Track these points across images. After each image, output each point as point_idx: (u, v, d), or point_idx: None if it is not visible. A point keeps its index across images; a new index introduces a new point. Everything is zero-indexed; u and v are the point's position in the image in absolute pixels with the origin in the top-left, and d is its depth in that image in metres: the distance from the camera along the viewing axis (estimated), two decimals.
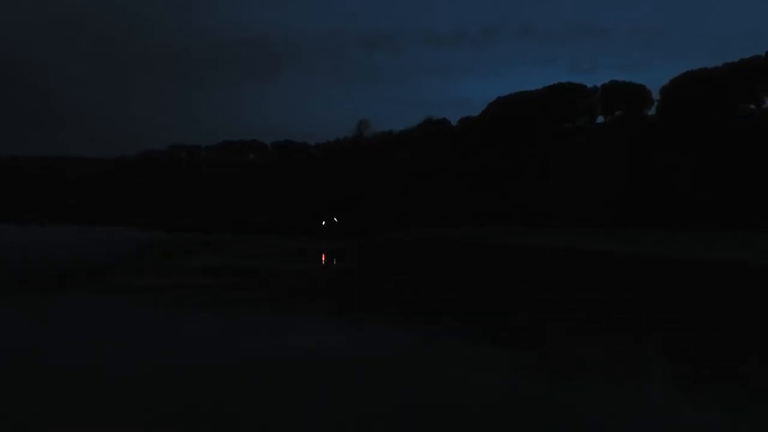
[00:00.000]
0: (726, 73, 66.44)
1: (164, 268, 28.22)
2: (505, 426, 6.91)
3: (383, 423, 6.85)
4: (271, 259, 32.96)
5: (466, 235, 65.33)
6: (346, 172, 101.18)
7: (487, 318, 14.97)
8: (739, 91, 65.51)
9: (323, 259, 34.32)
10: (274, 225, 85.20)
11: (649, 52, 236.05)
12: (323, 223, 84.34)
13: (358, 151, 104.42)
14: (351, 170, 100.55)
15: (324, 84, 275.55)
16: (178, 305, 16.18)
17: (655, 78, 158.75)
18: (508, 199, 79.40)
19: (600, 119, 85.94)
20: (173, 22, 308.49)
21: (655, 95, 78.23)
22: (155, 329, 12.46)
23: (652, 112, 79.01)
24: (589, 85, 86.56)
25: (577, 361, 10.33)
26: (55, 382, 8.32)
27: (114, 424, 6.66)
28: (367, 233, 75.82)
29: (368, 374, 8.88)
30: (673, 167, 65.65)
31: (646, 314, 15.95)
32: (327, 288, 21.69)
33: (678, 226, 58.13)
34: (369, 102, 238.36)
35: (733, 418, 7.32)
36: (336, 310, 16.17)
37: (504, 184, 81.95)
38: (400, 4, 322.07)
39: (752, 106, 66.61)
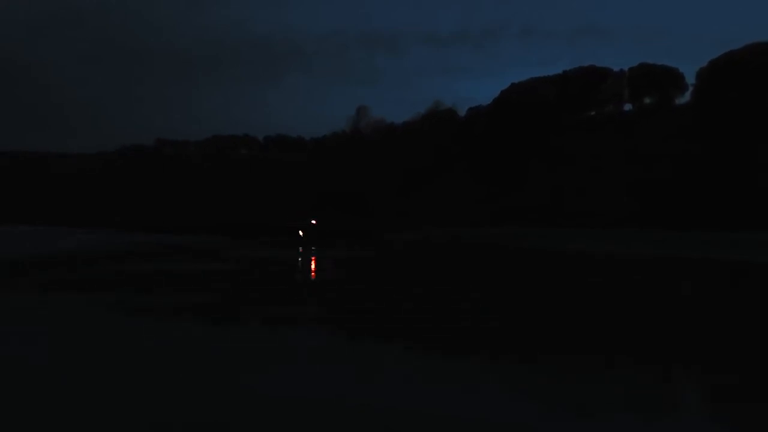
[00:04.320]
0: None
1: None
2: None
3: None
4: None
5: (498, 235, 63.94)
6: (345, 168, 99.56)
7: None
8: None
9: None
10: (264, 225, 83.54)
11: (650, 52, 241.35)
12: (300, 232, 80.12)
13: (357, 145, 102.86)
14: (350, 165, 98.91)
15: (325, 85, 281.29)
16: None
17: None
18: (522, 195, 77.91)
19: (628, 107, 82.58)
20: (173, 22, 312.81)
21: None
22: None
23: (685, 98, 75.75)
24: (617, 67, 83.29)
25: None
26: None
27: None
28: (369, 233, 74.28)
29: None
30: (696, 160, 64.29)
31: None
32: None
33: (684, 226, 57.33)
34: (370, 103, 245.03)
35: None
36: None
37: (517, 179, 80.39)
38: (400, 4, 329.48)
39: None
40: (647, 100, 79.08)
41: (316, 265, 34.77)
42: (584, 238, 56.94)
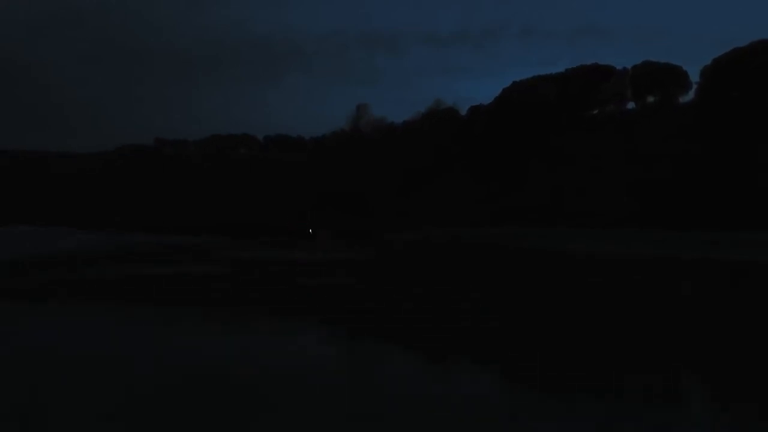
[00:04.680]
0: None
1: None
2: None
3: None
4: None
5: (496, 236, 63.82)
6: (345, 168, 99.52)
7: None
8: None
9: None
10: (264, 225, 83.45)
11: (650, 52, 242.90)
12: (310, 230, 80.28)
13: (357, 144, 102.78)
14: (350, 165, 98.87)
15: (325, 85, 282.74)
16: None
17: None
18: (522, 195, 77.82)
19: (631, 105, 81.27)
20: (173, 22, 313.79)
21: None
22: None
23: (689, 97, 74.16)
24: (618, 66, 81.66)
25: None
26: None
27: None
28: (369, 233, 74.28)
29: None
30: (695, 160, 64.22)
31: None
32: None
33: (684, 226, 57.34)
34: (370, 103, 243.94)
35: None
36: None
37: (517, 179, 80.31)
38: (400, 4, 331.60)
39: None
40: (650, 99, 78.04)
41: (316, 267, 34.78)
42: (584, 238, 56.95)
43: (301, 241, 64.52)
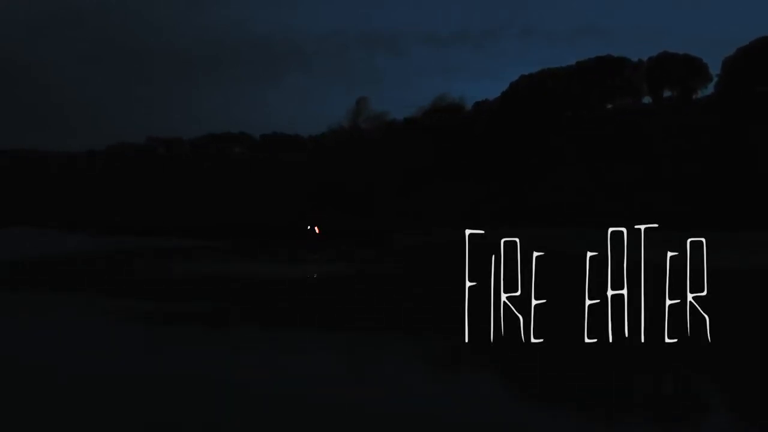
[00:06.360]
0: None
1: None
2: None
3: None
4: None
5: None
6: (344, 166, 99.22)
7: None
8: None
9: None
10: (261, 226, 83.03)
11: (650, 52, 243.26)
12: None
13: (357, 143, 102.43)
14: (350, 163, 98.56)
15: (325, 85, 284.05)
16: None
17: None
18: (523, 195, 77.68)
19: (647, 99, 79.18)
20: (173, 22, 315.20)
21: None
22: None
23: (708, 90, 72.18)
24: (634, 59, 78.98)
25: None
26: None
27: None
28: (369, 233, 74.02)
29: None
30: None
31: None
32: None
33: (685, 226, 56.96)
34: (370, 103, 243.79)
35: None
36: None
37: (519, 178, 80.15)
38: (400, 4, 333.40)
39: None
40: (667, 93, 75.02)
41: (314, 267, 34.69)
42: (585, 238, 56.76)
43: (298, 241, 63.70)
